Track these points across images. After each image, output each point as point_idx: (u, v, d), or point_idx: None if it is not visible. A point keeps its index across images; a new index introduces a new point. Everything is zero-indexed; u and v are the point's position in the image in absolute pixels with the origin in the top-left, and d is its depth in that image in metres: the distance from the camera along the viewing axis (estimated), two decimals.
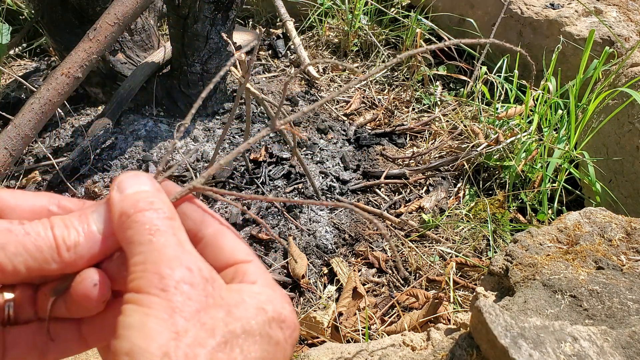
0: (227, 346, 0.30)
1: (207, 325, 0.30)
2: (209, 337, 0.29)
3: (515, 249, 0.94)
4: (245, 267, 0.35)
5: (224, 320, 0.30)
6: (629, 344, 0.63)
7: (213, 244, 0.36)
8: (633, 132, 1.50)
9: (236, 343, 0.30)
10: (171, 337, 0.28)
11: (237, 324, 0.31)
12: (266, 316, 0.32)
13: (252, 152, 1.79)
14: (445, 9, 2.34)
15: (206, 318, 0.30)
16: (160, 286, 0.30)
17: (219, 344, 0.29)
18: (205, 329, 0.30)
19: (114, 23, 1.60)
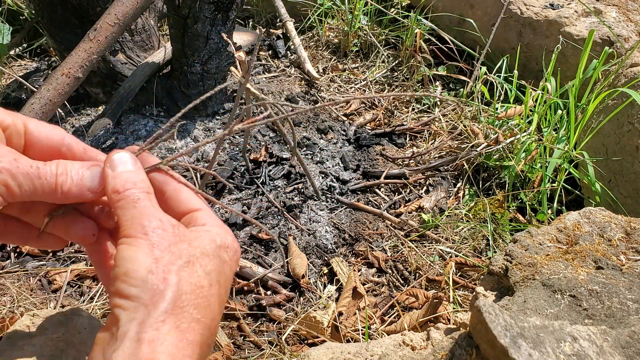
0: (189, 264, 0.44)
1: (176, 253, 0.44)
2: (177, 259, 0.44)
3: (515, 248, 0.94)
4: (198, 214, 0.50)
5: (187, 249, 0.45)
6: (629, 344, 0.63)
7: (173, 197, 0.51)
8: (632, 132, 1.50)
9: (196, 261, 0.45)
10: (152, 261, 0.43)
11: (197, 250, 0.45)
12: (216, 244, 0.47)
13: (252, 152, 1.79)
14: (445, 9, 2.34)
15: (175, 249, 0.44)
16: (143, 232, 0.44)
17: (185, 263, 0.44)
18: (175, 255, 0.44)
19: (114, 23, 1.60)
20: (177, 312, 0.41)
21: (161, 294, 0.41)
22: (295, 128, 1.95)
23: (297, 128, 1.96)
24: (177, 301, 0.42)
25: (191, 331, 0.42)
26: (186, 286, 0.43)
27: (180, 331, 0.41)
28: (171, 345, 0.40)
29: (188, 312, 0.42)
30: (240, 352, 1.28)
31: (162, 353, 0.39)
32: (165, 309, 0.41)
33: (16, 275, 1.40)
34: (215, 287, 0.45)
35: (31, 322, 1.12)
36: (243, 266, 1.44)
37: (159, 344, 0.40)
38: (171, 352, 0.40)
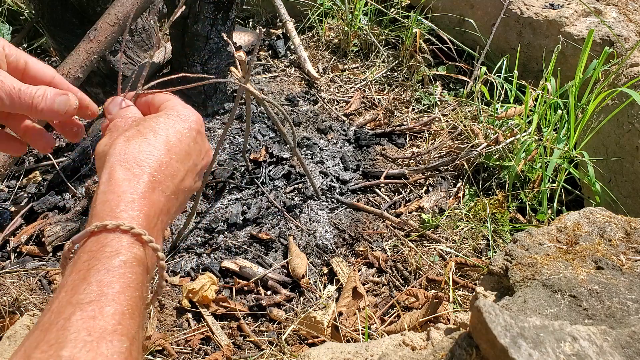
0: (134, 127, 0.62)
1: (122, 127, 0.64)
2: (126, 130, 0.62)
3: (515, 248, 0.94)
4: (167, 103, 0.66)
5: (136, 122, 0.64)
6: (629, 344, 0.63)
7: (153, 102, 0.69)
8: (632, 132, 1.50)
9: (143, 128, 0.61)
10: (107, 139, 0.61)
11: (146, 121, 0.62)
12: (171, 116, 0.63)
13: (252, 152, 1.79)
14: (445, 9, 2.34)
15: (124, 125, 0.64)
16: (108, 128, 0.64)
17: (130, 129, 0.62)
18: (123, 128, 0.63)
19: (115, 23, 1.60)
20: (125, 160, 0.57)
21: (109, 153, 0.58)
22: (295, 128, 1.95)
23: (297, 128, 1.96)
24: (122, 153, 0.57)
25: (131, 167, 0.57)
26: (133, 147, 0.58)
27: (125, 169, 0.56)
28: (122, 176, 0.56)
29: (132, 155, 0.57)
30: (240, 352, 1.28)
31: (118, 179, 0.55)
32: (113, 160, 0.56)
33: (16, 275, 1.40)
34: (160, 135, 0.60)
35: (31, 322, 1.12)
36: (243, 266, 1.44)
37: (113, 176, 0.55)
38: (121, 177, 0.55)
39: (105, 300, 0.45)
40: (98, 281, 0.46)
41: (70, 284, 0.47)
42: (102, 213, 0.52)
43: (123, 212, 0.52)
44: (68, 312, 0.44)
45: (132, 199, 0.53)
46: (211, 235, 1.53)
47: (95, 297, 0.45)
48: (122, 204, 0.52)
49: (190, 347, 1.28)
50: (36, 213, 1.56)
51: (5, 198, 1.62)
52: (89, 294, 0.45)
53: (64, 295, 0.46)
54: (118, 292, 0.46)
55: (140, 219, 0.53)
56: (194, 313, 1.36)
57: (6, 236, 1.50)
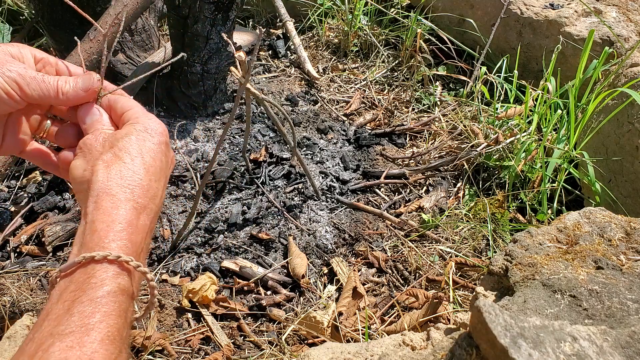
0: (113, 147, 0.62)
1: (98, 150, 0.63)
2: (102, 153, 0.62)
3: (515, 248, 0.94)
4: (130, 113, 0.66)
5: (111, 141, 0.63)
6: (629, 344, 0.63)
7: (116, 106, 0.68)
8: (632, 132, 1.50)
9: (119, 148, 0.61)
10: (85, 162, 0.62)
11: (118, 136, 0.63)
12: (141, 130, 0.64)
13: (252, 152, 1.79)
14: (445, 9, 2.34)
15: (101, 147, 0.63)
16: (79, 147, 0.64)
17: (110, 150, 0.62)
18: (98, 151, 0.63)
19: (115, 23, 1.60)
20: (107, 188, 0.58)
21: (90, 180, 0.59)
22: (295, 128, 1.95)
23: (297, 128, 1.96)
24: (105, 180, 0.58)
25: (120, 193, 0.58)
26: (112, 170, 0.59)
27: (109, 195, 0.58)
28: (108, 206, 0.57)
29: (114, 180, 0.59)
30: (240, 352, 1.28)
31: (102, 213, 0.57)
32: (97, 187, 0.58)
33: (16, 275, 1.40)
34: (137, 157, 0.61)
35: (31, 322, 1.12)
36: (243, 266, 1.44)
37: (99, 208, 0.57)
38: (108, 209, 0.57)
39: (85, 330, 0.48)
40: (80, 312, 0.49)
41: (54, 314, 0.49)
42: (91, 243, 0.54)
43: (112, 242, 0.54)
44: (47, 343, 0.46)
45: (120, 228, 0.55)
46: (211, 235, 1.53)
47: (76, 328, 0.48)
48: (110, 233, 0.55)
49: (190, 347, 1.28)
50: (36, 213, 1.56)
51: (5, 198, 1.62)
52: (70, 325, 0.48)
53: (46, 325, 0.48)
54: (99, 321, 0.49)
55: (128, 247, 0.55)
56: (194, 313, 1.36)
57: (6, 236, 1.50)
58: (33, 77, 0.61)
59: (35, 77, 0.61)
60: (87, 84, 0.66)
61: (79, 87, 0.65)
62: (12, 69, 0.60)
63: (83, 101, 0.67)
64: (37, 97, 0.62)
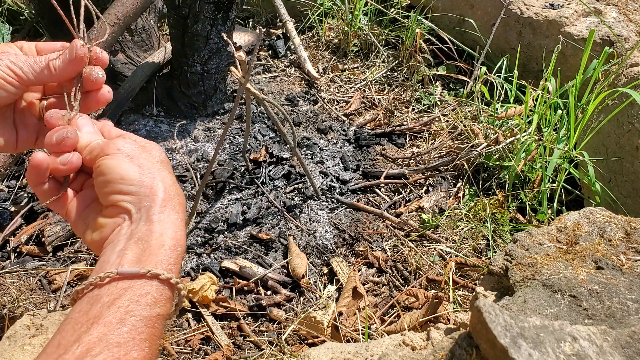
0: (161, 166, 0.63)
1: (148, 159, 0.62)
2: (152, 164, 0.62)
3: (515, 248, 0.94)
4: (127, 136, 0.66)
5: (151, 157, 0.63)
6: (629, 344, 0.63)
7: (107, 130, 0.69)
8: (632, 132, 1.50)
9: (163, 165, 0.63)
10: (138, 167, 0.60)
11: (158, 157, 0.64)
12: (162, 153, 0.66)
13: (252, 152, 1.79)
14: (445, 9, 2.34)
15: (145, 156, 0.62)
16: (116, 148, 0.61)
17: (159, 166, 0.62)
18: (149, 161, 0.62)
19: (114, 23, 1.60)
20: (169, 199, 0.60)
21: (156, 188, 0.60)
22: (295, 128, 1.95)
23: (297, 128, 1.96)
24: (167, 193, 0.60)
25: (180, 211, 0.60)
26: (167, 182, 0.61)
27: (175, 212, 0.60)
28: (171, 222, 0.58)
29: (175, 199, 0.61)
30: (240, 352, 1.28)
31: (169, 227, 0.58)
32: (162, 198, 0.59)
33: (16, 275, 1.40)
34: (175, 179, 0.64)
35: (31, 322, 1.12)
36: (243, 266, 1.44)
37: (165, 222, 0.58)
38: (172, 225, 0.58)
39: (133, 345, 0.50)
40: (132, 325, 0.51)
41: (105, 320, 0.50)
42: (157, 257, 0.56)
43: (173, 265, 0.57)
44: (96, 350, 0.48)
45: (180, 251, 0.58)
46: (211, 235, 1.53)
47: (124, 341, 0.49)
48: (174, 254, 0.57)
49: (190, 347, 1.28)
50: (36, 213, 1.56)
51: (5, 198, 1.62)
52: (120, 335, 0.49)
53: (95, 329, 0.49)
54: (144, 339, 0.51)
55: (178, 270, 0.58)
56: (194, 313, 1.36)
57: (6, 236, 1.50)
58: (24, 61, 0.64)
59: (26, 61, 0.64)
60: (72, 52, 0.67)
61: (66, 58, 0.66)
62: (4, 58, 0.63)
63: (75, 70, 0.68)
64: (33, 79, 0.64)
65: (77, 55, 0.66)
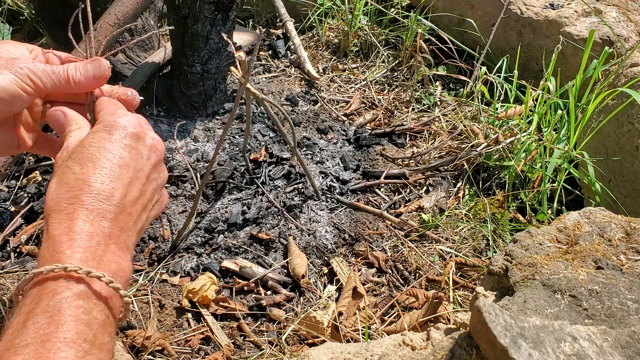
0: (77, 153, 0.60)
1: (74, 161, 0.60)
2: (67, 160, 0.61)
3: (515, 248, 0.94)
4: (100, 115, 0.66)
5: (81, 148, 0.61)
6: (629, 344, 0.63)
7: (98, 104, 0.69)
8: (632, 132, 1.50)
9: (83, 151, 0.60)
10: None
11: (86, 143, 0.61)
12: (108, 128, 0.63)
13: (252, 152, 1.79)
14: (445, 9, 2.34)
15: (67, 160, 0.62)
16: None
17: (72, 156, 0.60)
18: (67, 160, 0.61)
19: (114, 23, 1.60)
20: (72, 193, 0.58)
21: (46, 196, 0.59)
22: (295, 128, 1.95)
23: (297, 128, 1.96)
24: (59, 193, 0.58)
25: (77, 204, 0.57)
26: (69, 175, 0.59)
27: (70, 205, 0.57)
28: (61, 219, 0.56)
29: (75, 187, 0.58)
30: (240, 352, 1.28)
31: (56, 227, 0.56)
32: (51, 200, 0.58)
33: (16, 275, 1.40)
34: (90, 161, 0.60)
35: None
36: (243, 266, 1.44)
37: (50, 225, 0.56)
38: (61, 225, 0.56)
39: (41, 341, 0.48)
40: (34, 323, 0.49)
41: (11, 329, 0.50)
42: (42, 260, 0.54)
43: (62, 254, 0.54)
44: (4, 358, 0.48)
45: (66, 239, 0.54)
46: (211, 235, 1.53)
47: (31, 340, 0.48)
48: (58, 245, 0.54)
49: (190, 347, 1.28)
50: (36, 213, 1.56)
51: (5, 198, 1.62)
52: (25, 337, 0.48)
53: (4, 340, 0.49)
54: (54, 330, 0.49)
55: (79, 254, 0.54)
56: (194, 313, 1.36)
57: (6, 236, 1.50)
58: (43, 70, 0.63)
59: (45, 70, 0.63)
60: (98, 71, 0.67)
61: (90, 74, 0.66)
62: (23, 65, 0.61)
63: (94, 88, 0.68)
64: (50, 88, 0.64)
65: (103, 74, 0.67)
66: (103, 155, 0.59)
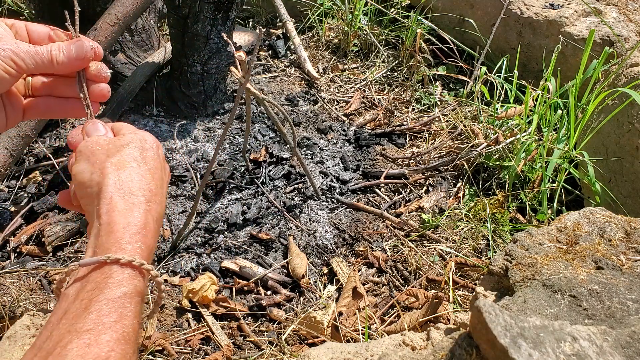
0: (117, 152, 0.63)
1: (105, 153, 0.62)
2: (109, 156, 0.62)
3: (515, 248, 0.94)
4: (125, 126, 0.68)
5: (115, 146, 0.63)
6: (629, 344, 0.63)
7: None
8: (632, 132, 1.50)
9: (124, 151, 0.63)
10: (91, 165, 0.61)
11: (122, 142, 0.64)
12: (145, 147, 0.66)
13: (252, 152, 1.79)
14: (445, 9, 2.34)
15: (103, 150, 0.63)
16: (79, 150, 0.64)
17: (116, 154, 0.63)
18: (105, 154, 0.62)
19: (114, 23, 1.60)
20: (116, 191, 0.59)
21: (103, 184, 0.59)
22: (295, 128, 1.95)
23: (297, 128, 1.96)
24: (113, 185, 0.59)
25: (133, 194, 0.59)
26: (121, 176, 0.60)
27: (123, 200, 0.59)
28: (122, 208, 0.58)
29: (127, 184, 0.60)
30: (240, 352, 1.28)
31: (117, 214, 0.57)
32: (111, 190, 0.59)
33: (16, 275, 1.40)
34: (141, 162, 0.63)
35: (31, 322, 1.12)
36: (243, 266, 1.44)
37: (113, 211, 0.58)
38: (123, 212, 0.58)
39: (102, 329, 0.49)
40: (97, 310, 0.50)
41: (72, 312, 0.51)
42: (107, 244, 0.55)
43: (128, 244, 0.56)
44: (66, 340, 0.48)
45: (135, 230, 0.57)
46: (211, 235, 1.53)
47: (93, 326, 0.49)
48: (126, 235, 0.56)
49: (190, 347, 1.28)
50: (36, 213, 1.56)
51: (5, 198, 1.62)
52: (87, 322, 0.49)
53: (64, 323, 0.50)
54: (115, 320, 0.51)
55: (142, 249, 0.57)
56: (194, 313, 1.36)
57: (6, 236, 1.50)
58: (26, 51, 0.62)
59: (28, 51, 0.62)
60: (80, 51, 0.66)
61: (72, 55, 0.65)
62: (6, 47, 0.61)
63: (77, 69, 0.67)
64: (33, 69, 0.63)
65: (85, 55, 0.66)
66: (151, 163, 0.65)
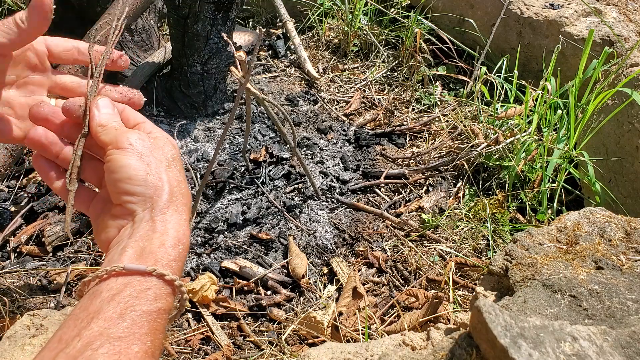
0: (170, 165, 0.61)
1: (157, 158, 0.61)
2: (162, 163, 0.61)
3: (515, 248, 0.94)
4: (143, 125, 0.66)
5: (163, 155, 0.62)
6: (629, 344, 0.63)
7: (126, 115, 0.67)
8: (632, 132, 1.50)
9: (172, 164, 0.62)
10: (145, 166, 0.59)
11: (169, 155, 0.62)
12: (175, 149, 0.64)
13: (252, 152, 1.79)
14: (445, 9, 2.34)
15: (156, 154, 0.61)
16: (128, 142, 0.60)
17: (167, 165, 0.61)
18: (158, 159, 0.61)
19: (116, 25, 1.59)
20: (173, 200, 0.59)
21: (161, 190, 0.59)
22: (295, 128, 1.95)
23: (297, 128, 1.96)
24: (171, 194, 0.59)
25: (183, 212, 0.60)
26: (173, 181, 0.61)
27: (177, 213, 0.59)
28: (174, 222, 0.58)
29: (179, 199, 0.60)
30: (240, 352, 1.28)
31: (171, 227, 0.57)
32: (166, 199, 0.59)
33: (16, 275, 1.40)
34: (183, 177, 0.64)
35: (31, 322, 1.12)
36: (243, 266, 1.44)
37: (167, 222, 0.58)
38: (174, 225, 0.58)
39: (134, 339, 0.50)
40: (132, 319, 0.51)
41: (106, 314, 0.51)
42: (158, 255, 0.56)
43: (174, 262, 0.57)
44: (97, 343, 0.48)
45: (181, 249, 0.58)
46: (211, 235, 1.53)
47: (125, 335, 0.50)
48: (175, 252, 0.57)
49: (190, 347, 1.28)
50: (36, 213, 1.56)
51: (5, 198, 1.62)
52: (120, 329, 0.50)
53: (95, 324, 0.50)
54: (146, 333, 0.51)
55: (180, 268, 0.58)
56: (194, 313, 1.36)
57: (6, 236, 1.50)
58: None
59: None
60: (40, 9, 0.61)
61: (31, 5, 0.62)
62: None
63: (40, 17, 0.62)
64: (7, 42, 0.61)
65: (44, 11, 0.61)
66: (180, 164, 0.65)
